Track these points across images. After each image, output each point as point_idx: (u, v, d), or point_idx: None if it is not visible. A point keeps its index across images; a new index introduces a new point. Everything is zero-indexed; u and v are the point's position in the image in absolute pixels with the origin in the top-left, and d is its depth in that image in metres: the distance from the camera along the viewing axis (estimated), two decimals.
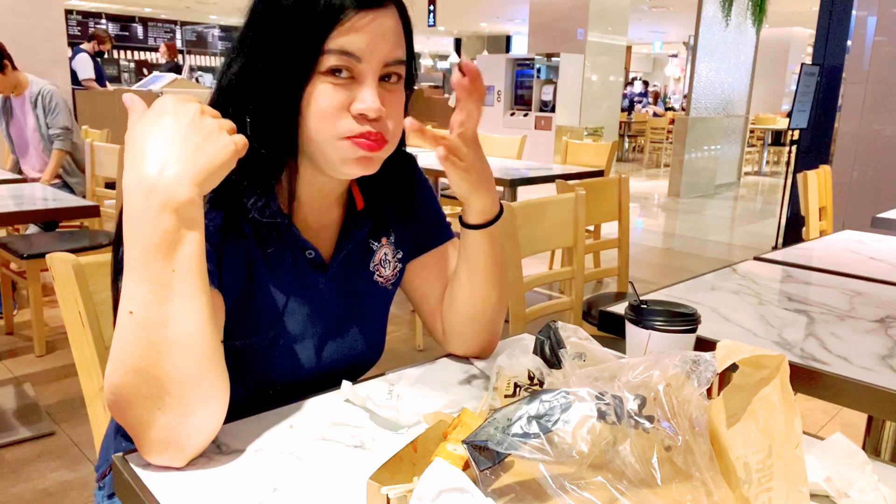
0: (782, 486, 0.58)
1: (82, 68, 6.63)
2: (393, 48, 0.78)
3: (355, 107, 0.76)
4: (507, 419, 0.54)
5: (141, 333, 0.62)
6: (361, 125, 0.77)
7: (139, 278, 0.62)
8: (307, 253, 0.87)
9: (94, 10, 13.74)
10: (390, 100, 0.79)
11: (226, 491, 0.64)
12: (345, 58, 0.75)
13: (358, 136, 0.77)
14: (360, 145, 0.78)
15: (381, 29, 0.76)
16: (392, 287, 0.98)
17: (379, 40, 0.76)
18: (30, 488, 1.96)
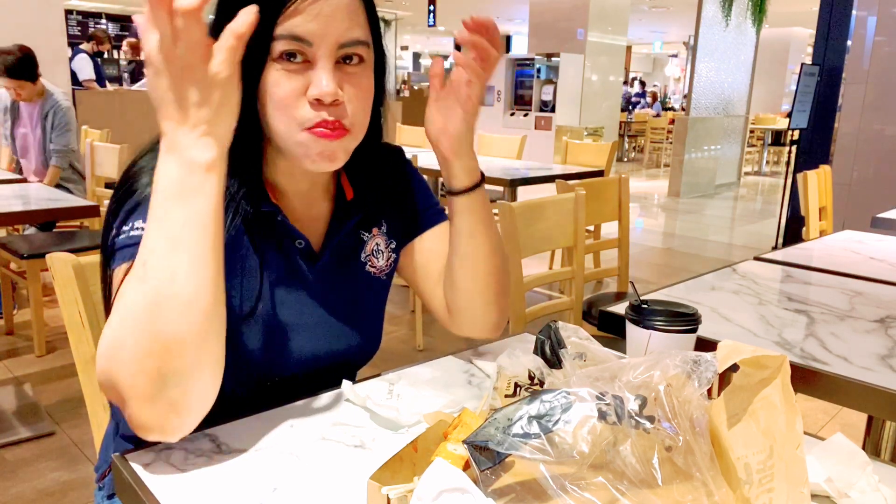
0: (783, 486, 0.58)
1: (82, 69, 6.62)
2: (348, 28, 0.75)
3: (310, 92, 0.74)
4: (508, 419, 0.54)
5: (148, 287, 0.62)
6: (317, 111, 0.75)
7: (155, 227, 0.63)
8: (297, 243, 0.86)
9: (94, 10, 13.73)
10: (351, 84, 0.77)
11: (226, 491, 0.64)
12: (295, 42, 0.73)
13: (315, 125, 0.75)
14: (318, 135, 0.75)
15: (330, 9, 0.74)
16: (386, 278, 0.97)
17: (330, 21, 0.74)
18: (30, 488, 1.95)
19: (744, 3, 8.25)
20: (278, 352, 0.85)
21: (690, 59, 8.54)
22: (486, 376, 0.92)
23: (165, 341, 0.62)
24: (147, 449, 0.71)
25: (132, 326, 0.63)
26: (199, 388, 0.66)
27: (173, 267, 0.63)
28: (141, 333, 0.62)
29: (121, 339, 0.63)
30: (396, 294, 3.91)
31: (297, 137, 0.76)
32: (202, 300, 0.64)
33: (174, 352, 0.63)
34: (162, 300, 0.63)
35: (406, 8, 14.01)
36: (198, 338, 0.64)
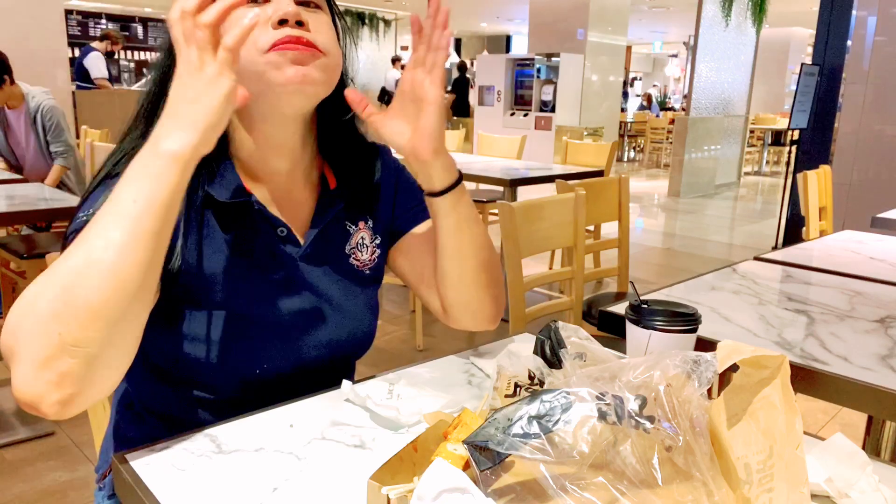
0: (783, 486, 0.58)
1: (95, 67, 6.58)
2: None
3: (272, 16, 0.74)
4: (508, 419, 0.54)
5: (79, 250, 0.61)
6: (282, 30, 0.74)
7: (107, 202, 0.63)
8: (279, 230, 0.86)
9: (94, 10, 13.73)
10: (313, 20, 0.78)
11: (226, 491, 0.64)
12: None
13: (281, 40, 0.74)
14: (287, 48, 0.74)
15: None
16: (370, 272, 0.96)
17: None
18: (30, 488, 1.95)
19: (744, 3, 8.25)
20: (265, 339, 0.85)
21: (690, 59, 8.54)
22: (486, 376, 0.93)
23: (76, 307, 0.60)
24: (147, 449, 0.71)
25: (51, 286, 0.61)
26: (95, 369, 0.62)
27: (109, 237, 0.61)
28: (55, 294, 0.60)
29: (36, 295, 0.61)
30: (396, 294, 3.91)
31: (264, 59, 0.74)
32: (127, 277, 0.62)
33: (81, 320, 0.60)
34: (86, 265, 0.61)
35: (406, 8, 14.01)
36: (110, 313, 0.61)
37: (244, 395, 0.85)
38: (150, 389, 0.90)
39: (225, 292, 0.82)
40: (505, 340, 1.05)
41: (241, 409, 0.81)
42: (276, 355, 0.86)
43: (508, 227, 1.69)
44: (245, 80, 0.73)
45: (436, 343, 3.19)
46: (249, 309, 0.84)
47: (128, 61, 13.85)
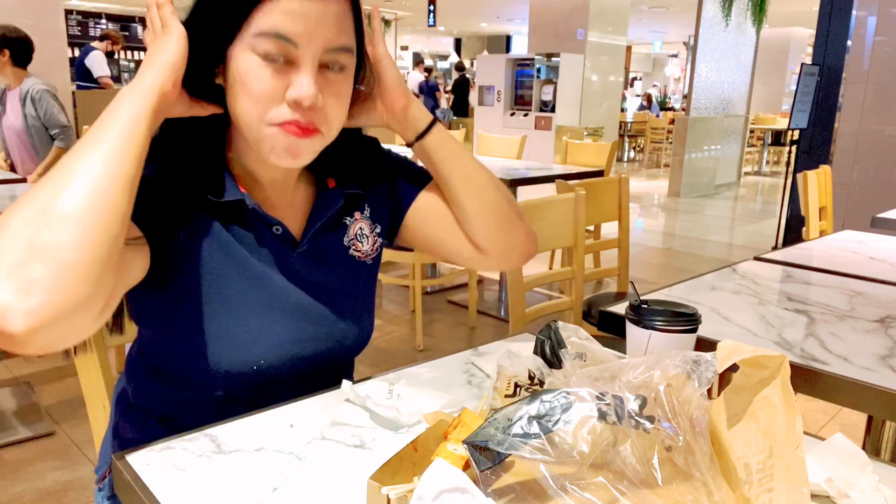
0: (783, 486, 0.58)
1: (98, 66, 6.59)
2: (335, 34, 0.75)
3: (289, 93, 0.74)
4: (508, 419, 0.54)
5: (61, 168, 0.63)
6: (293, 112, 0.75)
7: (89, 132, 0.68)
8: (274, 229, 0.86)
9: (94, 10, 13.73)
10: (331, 89, 0.77)
11: (226, 491, 0.64)
12: (280, 41, 0.73)
13: (286, 122, 0.75)
14: (288, 131, 0.75)
15: (319, 12, 0.73)
16: (372, 262, 0.96)
17: (318, 24, 0.73)
18: (30, 488, 1.95)
19: (744, 3, 8.25)
20: (262, 338, 0.85)
21: (690, 59, 8.54)
22: (486, 376, 0.93)
23: (46, 211, 0.59)
24: (147, 449, 0.71)
25: (22, 200, 0.61)
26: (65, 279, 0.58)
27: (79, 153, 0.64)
28: (31, 202, 0.60)
29: (14, 207, 0.61)
30: (396, 294, 3.91)
31: (265, 131, 0.76)
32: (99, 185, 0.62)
33: (51, 222, 0.59)
34: (63, 174, 0.62)
35: (406, 8, 14.01)
36: (81, 217, 0.60)
37: (243, 393, 0.84)
38: (150, 391, 0.90)
39: (222, 291, 0.82)
40: (505, 340, 1.05)
41: (241, 410, 0.81)
42: (273, 352, 0.86)
43: None
44: (241, 123, 0.78)
45: (436, 343, 3.19)
46: (247, 307, 0.84)
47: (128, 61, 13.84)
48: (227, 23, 0.75)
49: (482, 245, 0.94)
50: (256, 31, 0.73)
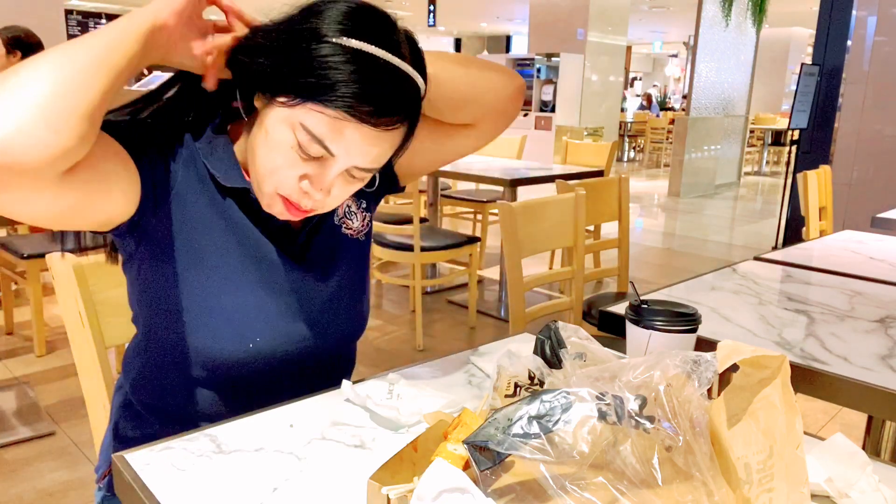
0: (783, 486, 0.58)
1: None
2: (373, 161, 0.76)
3: (304, 183, 0.76)
4: (508, 419, 0.54)
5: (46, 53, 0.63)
6: (300, 196, 0.77)
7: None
8: (275, 219, 0.86)
9: (94, 10, 13.74)
10: (344, 186, 0.79)
11: (226, 491, 0.64)
12: (320, 148, 0.73)
13: (291, 203, 0.78)
14: (288, 209, 0.79)
15: (369, 146, 0.74)
16: (364, 238, 0.98)
17: (362, 154, 0.75)
18: (30, 488, 1.95)
19: (744, 3, 8.25)
20: (257, 315, 0.85)
21: (690, 59, 8.54)
22: (486, 376, 0.93)
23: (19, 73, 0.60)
24: (147, 449, 0.71)
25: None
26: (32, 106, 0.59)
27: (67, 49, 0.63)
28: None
29: None
30: (396, 294, 3.91)
31: (269, 190, 0.78)
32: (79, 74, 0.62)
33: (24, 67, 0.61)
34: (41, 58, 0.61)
35: (406, 8, 14.01)
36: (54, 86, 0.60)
37: (240, 379, 0.85)
38: (146, 383, 0.91)
39: (220, 265, 0.84)
40: (505, 340, 1.05)
41: (240, 403, 0.81)
42: (268, 330, 0.86)
43: (508, 227, 1.69)
44: (251, 164, 0.79)
45: (436, 343, 3.19)
46: (244, 284, 0.85)
47: None
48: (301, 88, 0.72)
49: (472, 121, 0.94)
50: (306, 122, 0.72)
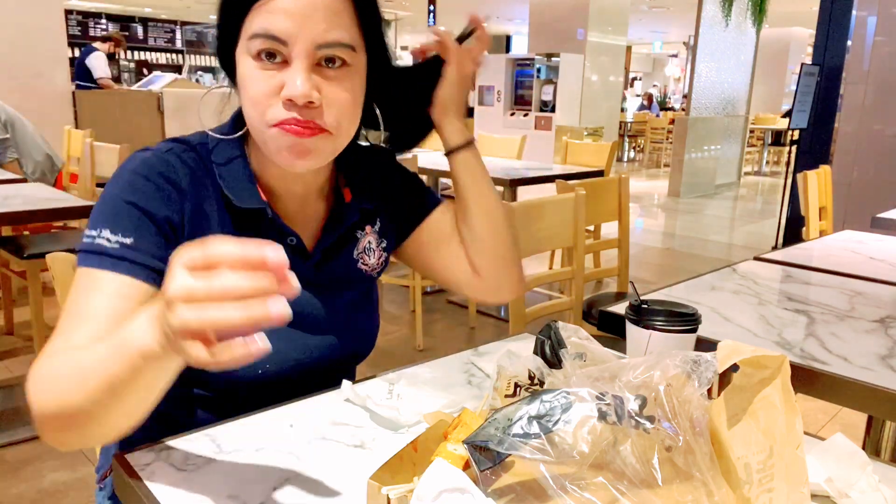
0: (783, 486, 0.58)
1: (98, 67, 6.64)
2: (325, 29, 0.74)
3: (283, 92, 0.74)
4: (508, 419, 0.54)
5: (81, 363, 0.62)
6: (288, 111, 0.74)
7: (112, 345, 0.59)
8: (289, 240, 0.87)
9: (94, 10, 13.73)
10: (332, 88, 0.76)
11: (226, 491, 0.64)
12: (270, 41, 0.73)
13: (284, 122, 0.75)
14: (287, 131, 0.75)
15: (307, 8, 0.73)
16: (376, 275, 0.99)
17: (306, 20, 0.73)
18: (30, 488, 1.95)
19: (744, 3, 8.25)
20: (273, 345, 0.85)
21: (690, 59, 8.54)
22: (486, 376, 0.93)
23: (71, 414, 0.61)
24: (147, 449, 0.71)
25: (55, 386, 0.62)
26: (99, 437, 0.67)
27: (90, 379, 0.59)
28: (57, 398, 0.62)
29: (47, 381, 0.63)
30: (396, 294, 3.91)
31: (267, 132, 0.76)
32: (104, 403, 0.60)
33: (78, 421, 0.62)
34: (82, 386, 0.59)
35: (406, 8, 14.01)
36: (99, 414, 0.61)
37: (245, 395, 0.85)
38: None
39: None
40: (505, 340, 1.05)
41: (242, 409, 0.81)
42: (278, 359, 0.86)
43: None
44: (254, 136, 0.80)
45: (436, 343, 3.19)
46: None
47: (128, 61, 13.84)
48: (228, 27, 0.77)
49: (480, 269, 0.98)
50: (249, 34, 0.74)
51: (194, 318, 0.47)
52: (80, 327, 0.70)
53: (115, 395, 0.59)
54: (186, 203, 0.80)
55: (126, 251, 0.74)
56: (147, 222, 0.77)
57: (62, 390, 0.62)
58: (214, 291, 0.47)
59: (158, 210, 0.78)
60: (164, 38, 15.03)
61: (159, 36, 15.00)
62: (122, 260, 0.74)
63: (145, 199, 0.78)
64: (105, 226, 0.75)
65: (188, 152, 0.83)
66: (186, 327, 0.48)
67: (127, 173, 0.79)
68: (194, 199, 0.81)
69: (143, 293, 0.74)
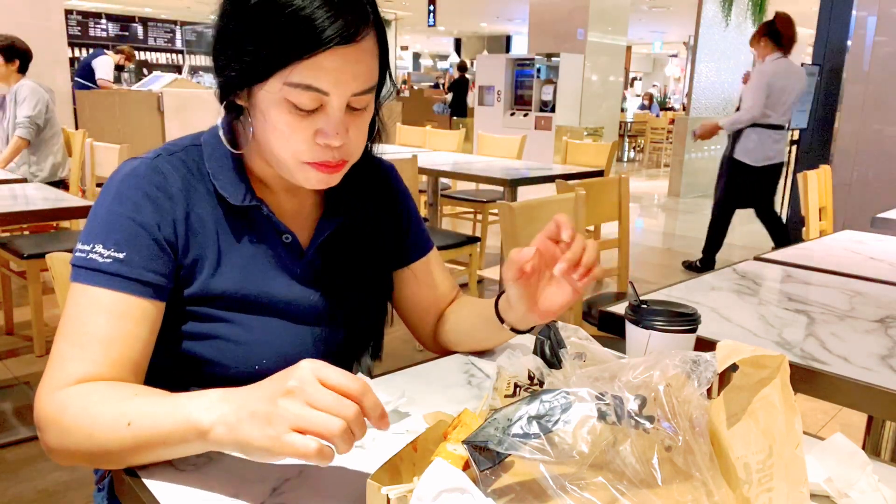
0: (783, 486, 0.58)
1: (102, 68, 6.80)
2: (364, 81, 0.76)
3: (319, 139, 0.76)
4: (508, 419, 0.54)
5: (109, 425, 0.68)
6: (323, 152, 0.77)
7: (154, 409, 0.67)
8: (284, 237, 0.87)
9: (94, 10, 13.73)
10: (356, 125, 0.79)
11: (226, 491, 0.64)
12: (312, 92, 0.73)
13: (319, 164, 0.78)
14: (321, 170, 0.78)
15: (352, 66, 0.74)
16: (375, 283, 0.98)
17: (350, 77, 0.74)
18: (30, 488, 1.95)
19: (744, 3, 8.25)
20: (265, 342, 0.85)
21: (690, 59, 8.54)
22: (486, 376, 0.93)
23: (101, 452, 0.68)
24: None
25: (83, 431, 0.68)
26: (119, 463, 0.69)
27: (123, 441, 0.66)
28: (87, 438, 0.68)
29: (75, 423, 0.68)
30: None
31: (295, 165, 0.78)
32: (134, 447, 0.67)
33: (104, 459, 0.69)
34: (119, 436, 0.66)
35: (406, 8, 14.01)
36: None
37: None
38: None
39: (226, 292, 0.83)
40: None
41: None
42: (274, 356, 0.86)
43: (508, 227, 1.69)
44: (272, 157, 0.80)
45: None
46: (250, 310, 0.84)
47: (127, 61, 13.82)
48: (262, 68, 0.74)
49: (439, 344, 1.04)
50: (290, 82, 0.73)
51: (308, 415, 0.58)
52: (83, 354, 0.72)
53: (152, 451, 0.66)
54: (178, 208, 0.81)
55: (119, 266, 0.75)
56: (139, 233, 0.77)
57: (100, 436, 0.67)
58: (331, 407, 0.58)
59: (150, 219, 0.78)
60: (164, 38, 15.04)
61: (159, 36, 15.01)
62: (116, 276, 0.75)
63: (136, 209, 0.78)
64: (97, 240, 0.76)
65: (177, 154, 0.84)
66: (300, 419, 0.58)
67: (116, 185, 0.80)
68: (186, 203, 0.81)
69: (138, 308, 0.76)
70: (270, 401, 0.59)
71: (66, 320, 0.74)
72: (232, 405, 0.62)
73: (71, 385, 0.71)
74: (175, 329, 0.83)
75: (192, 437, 0.63)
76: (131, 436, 0.65)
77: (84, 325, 0.74)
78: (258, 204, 0.84)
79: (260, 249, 0.86)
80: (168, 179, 0.81)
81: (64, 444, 0.69)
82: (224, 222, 0.84)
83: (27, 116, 3.60)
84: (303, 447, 0.57)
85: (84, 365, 0.72)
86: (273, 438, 0.58)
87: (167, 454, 0.67)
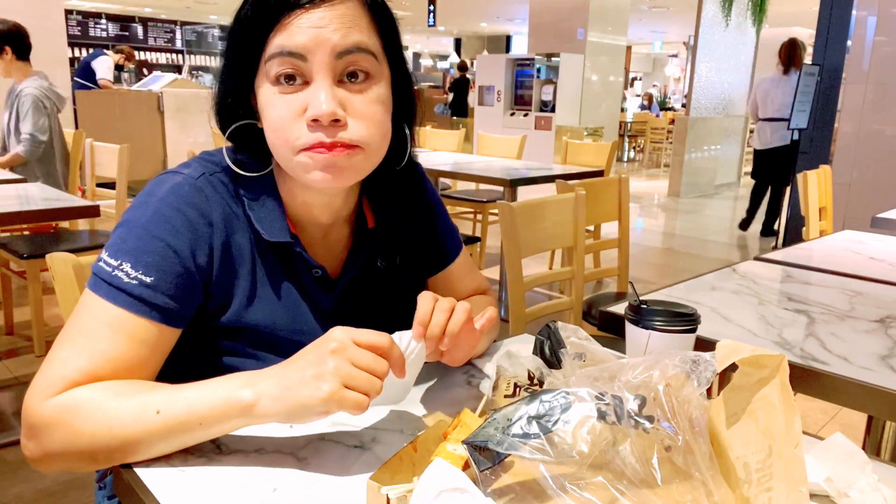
0: (782, 486, 0.58)
1: (102, 68, 6.83)
2: (344, 35, 0.71)
3: (307, 112, 0.71)
4: (507, 419, 0.54)
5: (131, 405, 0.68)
6: (314, 132, 0.72)
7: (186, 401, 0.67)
8: (314, 272, 0.85)
9: (94, 10, 13.73)
10: (356, 101, 0.73)
11: (226, 491, 0.64)
12: (288, 59, 0.71)
13: (312, 146, 0.72)
14: (317, 153, 0.72)
15: (325, 20, 0.71)
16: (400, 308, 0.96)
17: (323, 31, 0.71)
18: (30, 488, 1.95)
19: (744, 3, 8.25)
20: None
21: (690, 59, 8.54)
22: (486, 376, 0.93)
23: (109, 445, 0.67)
24: None
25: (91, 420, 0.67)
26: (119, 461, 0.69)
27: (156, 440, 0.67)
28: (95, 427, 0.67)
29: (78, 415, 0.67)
30: None
31: (295, 158, 0.74)
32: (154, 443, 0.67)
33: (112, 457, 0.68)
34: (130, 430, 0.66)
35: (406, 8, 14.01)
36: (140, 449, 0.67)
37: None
38: None
39: (251, 325, 0.81)
40: (505, 341, 1.05)
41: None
42: None
43: (508, 227, 1.69)
44: (281, 164, 0.78)
45: None
46: (282, 346, 0.83)
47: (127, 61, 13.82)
48: (248, 56, 0.74)
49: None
50: (270, 54, 0.72)
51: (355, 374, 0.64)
52: (86, 364, 0.70)
53: (186, 434, 0.67)
54: (217, 234, 0.78)
55: (144, 291, 0.72)
56: (172, 260, 0.74)
57: (121, 428, 0.66)
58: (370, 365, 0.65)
59: (186, 246, 0.75)
60: (164, 38, 15.03)
61: (159, 36, 15.00)
62: (139, 300, 0.72)
63: (174, 233, 0.74)
64: (127, 258, 0.73)
65: (217, 175, 0.80)
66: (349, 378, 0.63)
67: (157, 202, 0.76)
68: (226, 230, 0.79)
69: (152, 333, 0.73)
70: (318, 363, 0.64)
71: (74, 327, 0.72)
72: (270, 380, 0.66)
73: (68, 389, 0.69)
74: (200, 359, 0.81)
75: (234, 413, 0.65)
76: (162, 423, 0.65)
77: (92, 337, 0.71)
78: (292, 241, 0.81)
79: (291, 283, 0.84)
80: (210, 203, 0.78)
81: (72, 446, 0.67)
82: (259, 252, 0.81)
83: (29, 133, 3.48)
84: (355, 402, 0.63)
85: (84, 375, 0.69)
86: (330, 394, 0.62)
87: (201, 436, 0.67)
